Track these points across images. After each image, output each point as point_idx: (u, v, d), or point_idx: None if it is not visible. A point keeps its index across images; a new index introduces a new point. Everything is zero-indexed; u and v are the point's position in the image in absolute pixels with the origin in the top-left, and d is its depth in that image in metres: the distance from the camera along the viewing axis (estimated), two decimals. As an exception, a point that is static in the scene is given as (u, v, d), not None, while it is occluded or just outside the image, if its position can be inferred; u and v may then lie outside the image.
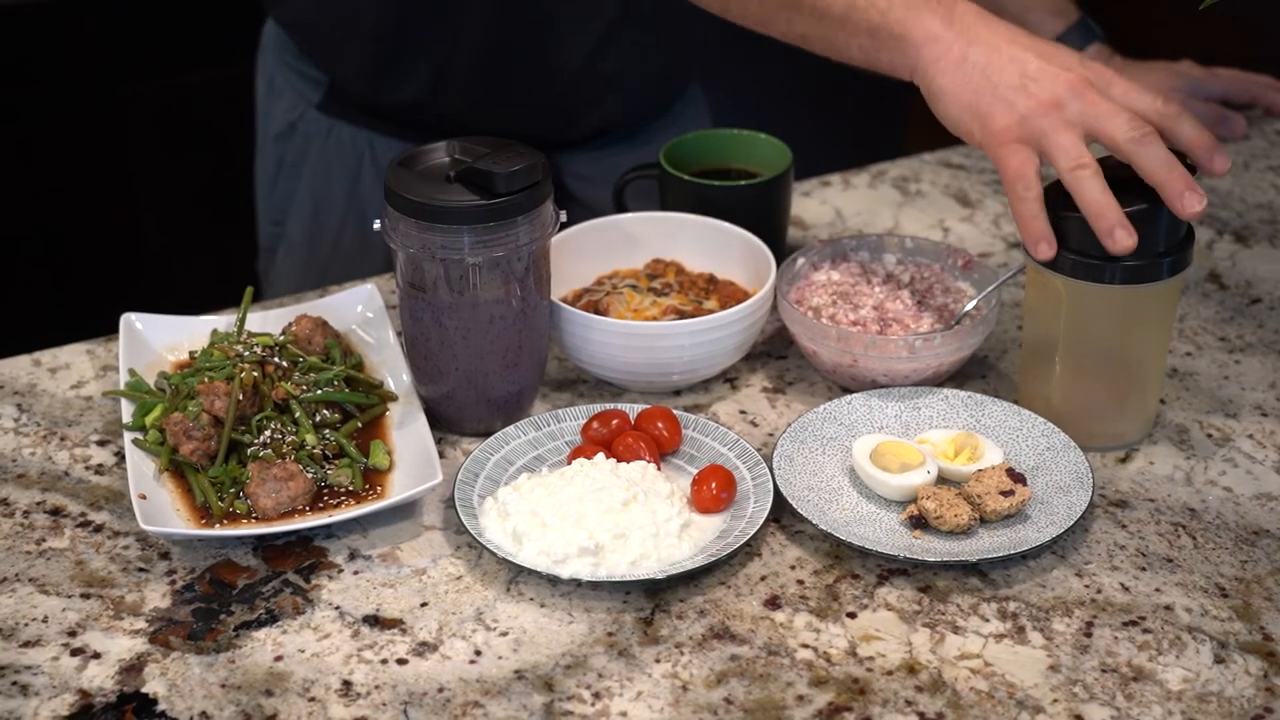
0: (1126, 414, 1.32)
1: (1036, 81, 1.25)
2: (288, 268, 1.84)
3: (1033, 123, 1.24)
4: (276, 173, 1.82)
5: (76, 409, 1.37)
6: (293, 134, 1.79)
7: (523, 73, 1.67)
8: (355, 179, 1.75)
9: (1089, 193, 1.21)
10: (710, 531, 1.21)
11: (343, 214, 1.78)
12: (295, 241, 1.83)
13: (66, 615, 1.15)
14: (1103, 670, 1.10)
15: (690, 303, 1.41)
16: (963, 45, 1.27)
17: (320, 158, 1.77)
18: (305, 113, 1.77)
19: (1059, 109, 1.23)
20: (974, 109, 1.27)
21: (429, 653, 1.12)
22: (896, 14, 1.29)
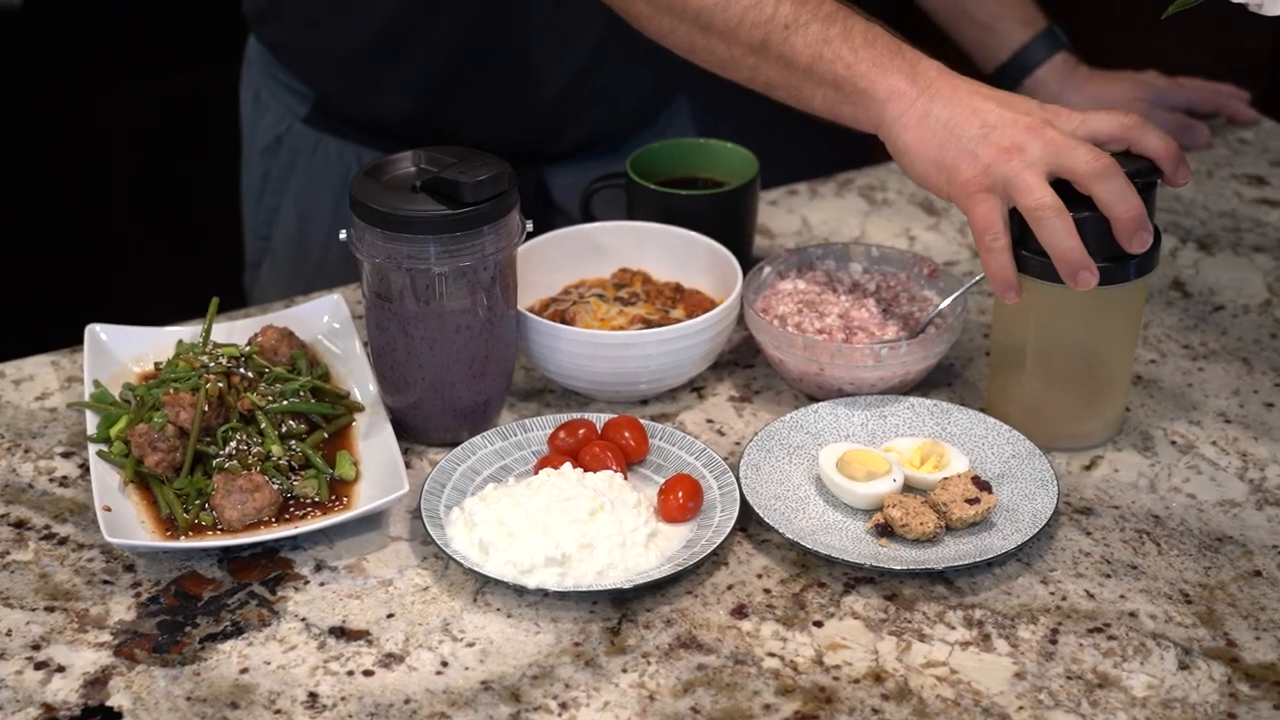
0: (1095, 415, 1.33)
1: (997, 129, 1.26)
2: (273, 281, 1.84)
3: (996, 170, 1.25)
4: (263, 186, 1.82)
5: (41, 421, 1.36)
6: (279, 147, 1.78)
7: (509, 90, 1.67)
8: (342, 193, 1.75)
9: (1052, 235, 1.23)
10: (677, 541, 1.22)
11: (329, 228, 1.77)
12: (281, 256, 1.83)
13: (30, 628, 1.14)
14: (1068, 677, 1.11)
15: (657, 312, 1.41)
16: (926, 101, 1.29)
17: (307, 171, 1.77)
18: (292, 126, 1.76)
19: (1020, 153, 1.25)
20: (940, 163, 1.28)
21: (395, 664, 1.12)
22: (861, 69, 1.30)
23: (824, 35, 1.31)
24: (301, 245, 1.80)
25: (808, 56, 1.32)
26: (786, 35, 1.32)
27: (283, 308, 1.49)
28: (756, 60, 1.35)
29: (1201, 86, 1.86)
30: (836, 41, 1.31)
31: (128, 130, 2.74)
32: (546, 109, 1.70)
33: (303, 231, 1.80)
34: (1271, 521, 1.25)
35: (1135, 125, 1.27)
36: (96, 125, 2.71)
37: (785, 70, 1.34)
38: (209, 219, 2.31)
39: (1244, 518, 1.26)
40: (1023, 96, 1.31)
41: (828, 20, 1.32)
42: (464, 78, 1.67)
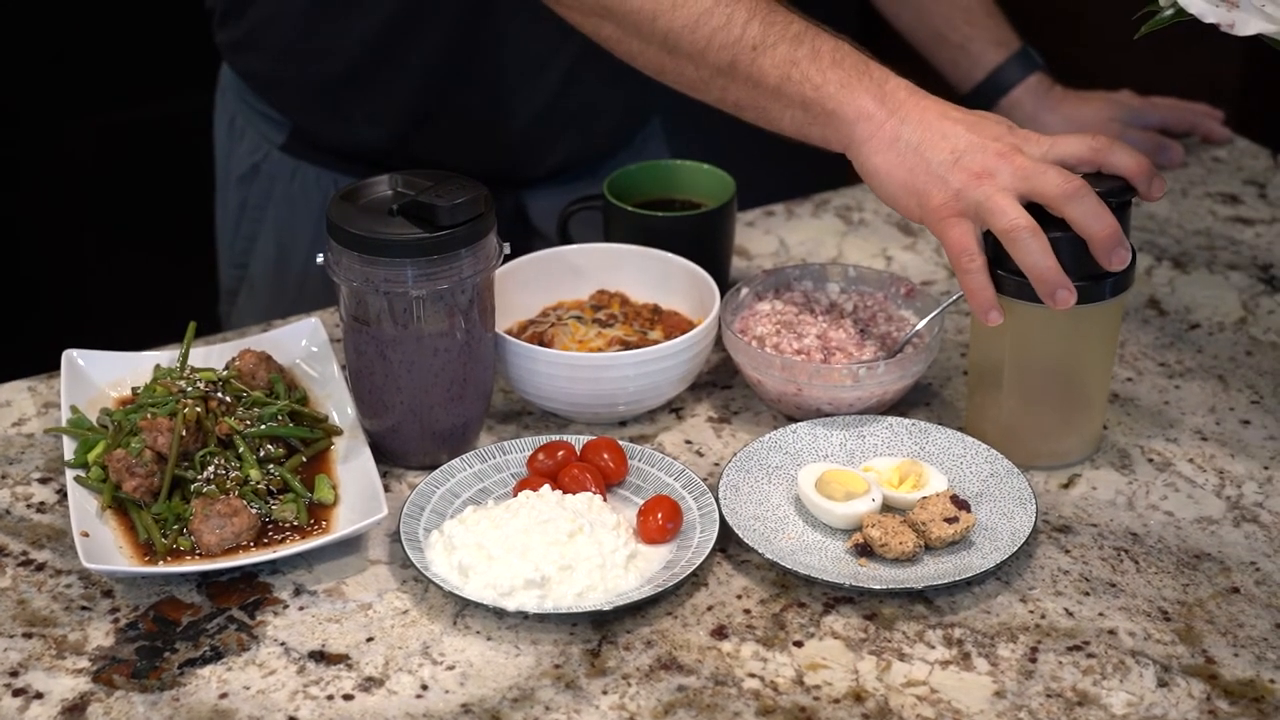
0: (1072, 433, 1.33)
1: (967, 154, 1.27)
2: (251, 309, 1.84)
3: (968, 195, 1.26)
4: (240, 215, 1.81)
5: (18, 446, 1.36)
6: (256, 175, 1.78)
7: (484, 117, 1.67)
8: (321, 220, 1.75)
9: (1029, 255, 1.23)
10: (657, 562, 1.22)
11: (307, 255, 1.77)
12: (258, 284, 1.82)
13: (8, 655, 1.14)
14: (1048, 695, 1.11)
15: (635, 333, 1.41)
16: (895, 124, 1.29)
17: (285, 199, 1.77)
18: (269, 154, 1.76)
19: (991, 178, 1.26)
20: (910, 187, 1.28)
21: (375, 688, 1.11)
22: (830, 89, 1.31)
23: (791, 56, 1.32)
24: (280, 273, 1.80)
25: (776, 78, 1.32)
26: (754, 56, 1.33)
27: (260, 331, 1.49)
28: (725, 81, 1.35)
29: (1175, 105, 1.87)
30: (804, 62, 1.32)
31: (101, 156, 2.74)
32: (522, 134, 1.71)
33: (281, 259, 1.80)
34: (1249, 538, 1.26)
35: (1104, 147, 1.28)
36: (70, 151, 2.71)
37: (753, 91, 1.34)
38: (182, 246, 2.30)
39: (1221, 535, 1.26)
40: (993, 117, 1.32)
41: (795, 41, 1.33)
42: (439, 105, 1.67)
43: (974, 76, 1.84)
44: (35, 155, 2.68)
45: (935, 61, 1.87)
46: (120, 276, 2.82)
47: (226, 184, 1.83)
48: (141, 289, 2.79)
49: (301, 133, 1.74)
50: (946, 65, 1.86)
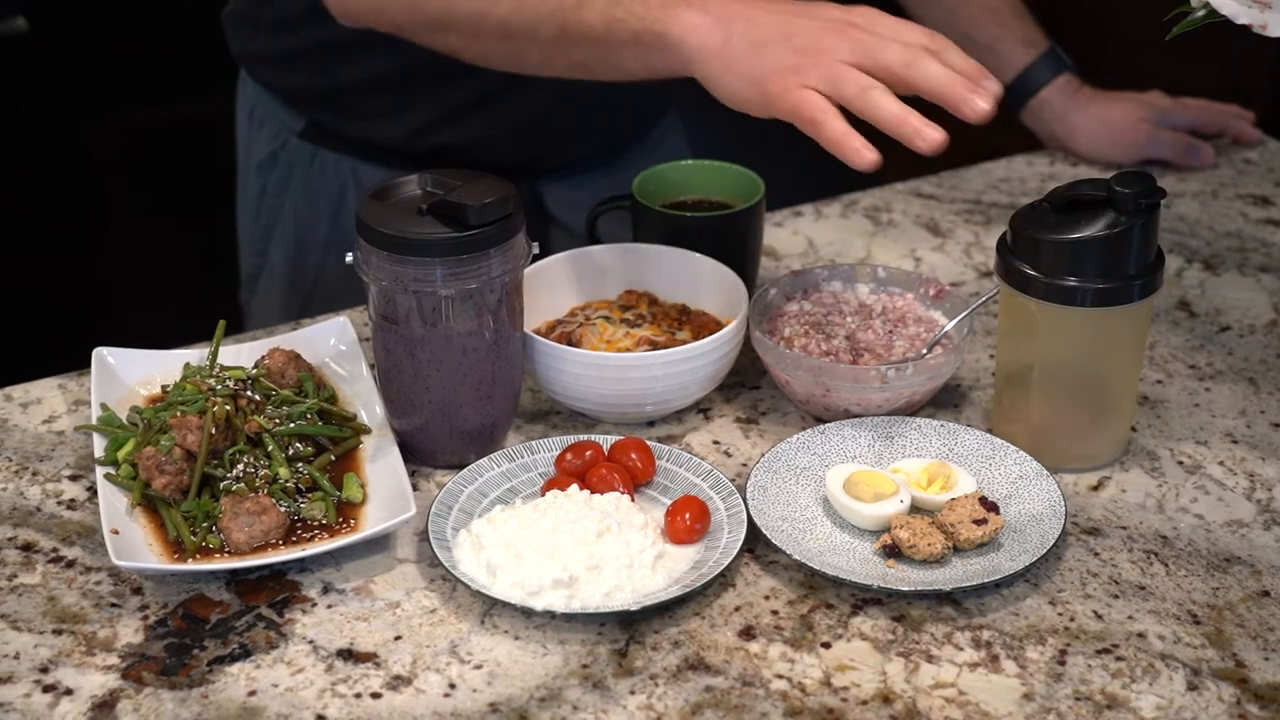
0: (1101, 435, 1.33)
1: (801, 36, 1.25)
2: (271, 296, 1.84)
3: (808, 73, 1.24)
4: (259, 202, 1.82)
5: (48, 444, 1.37)
6: (275, 162, 1.79)
7: (496, 112, 1.68)
8: (339, 206, 1.76)
9: (884, 108, 1.21)
10: (684, 562, 1.21)
11: (326, 241, 1.78)
12: (278, 270, 1.83)
13: (38, 651, 1.14)
14: (1076, 698, 1.10)
15: (663, 334, 1.41)
16: (723, 27, 1.28)
17: (303, 185, 1.77)
18: (288, 141, 1.77)
19: (829, 53, 1.24)
20: (750, 80, 1.26)
21: (403, 686, 1.11)
22: (654, 14, 1.30)
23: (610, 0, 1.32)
24: (298, 259, 1.81)
25: (603, 24, 1.33)
26: (579, 14, 1.34)
27: (289, 330, 1.49)
28: (565, 49, 1.37)
29: (1206, 107, 1.86)
30: (625, 1, 1.32)
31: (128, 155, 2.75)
32: (536, 126, 1.70)
33: (299, 245, 1.80)
34: (1279, 541, 1.25)
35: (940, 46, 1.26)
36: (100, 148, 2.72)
37: (591, 47, 1.35)
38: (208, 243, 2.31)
39: (1252, 538, 1.25)
40: (822, 2, 1.30)
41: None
42: (454, 100, 1.66)
43: (1002, 77, 1.82)
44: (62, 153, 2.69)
45: (964, 63, 1.86)
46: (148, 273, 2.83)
47: (247, 171, 1.84)
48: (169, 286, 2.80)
49: (318, 125, 1.74)
50: (975, 66, 1.86)
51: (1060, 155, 1.88)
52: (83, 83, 2.66)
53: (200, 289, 2.29)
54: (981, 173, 1.85)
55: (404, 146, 1.69)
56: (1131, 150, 1.81)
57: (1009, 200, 1.79)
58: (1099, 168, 1.83)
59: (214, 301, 1.96)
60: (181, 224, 2.75)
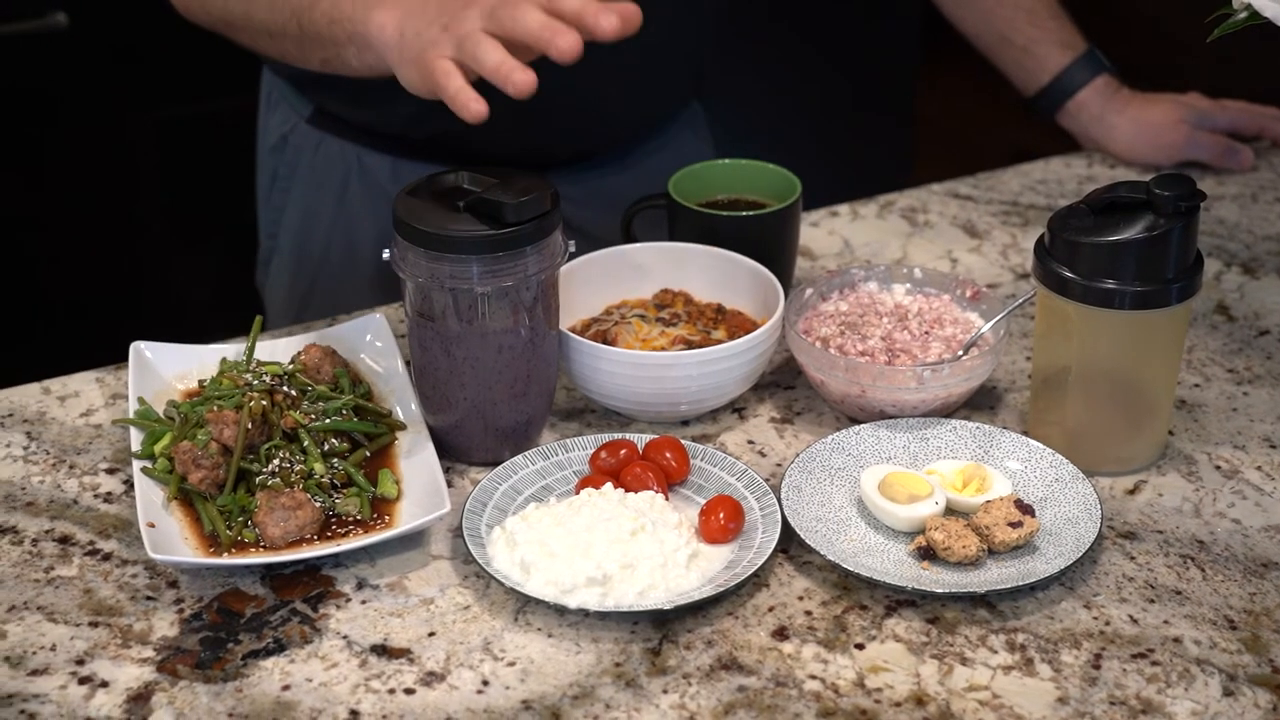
0: (1138, 439, 1.32)
1: (446, 15, 1.28)
2: (280, 279, 1.85)
3: (444, 45, 1.27)
4: (271, 186, 1.83)
5: (86, 437, 1.37)
6: (284, 146, 1.79)
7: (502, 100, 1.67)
8: (343, 192, 1.76)
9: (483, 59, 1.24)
10: (718, 562, 1.21)
11: (330, 226, 1.78)
12: (286, 253, 1.84)
13: (74, 644, 1.15)
14: (1111, 702, 1.10)
15: (698, 333, 1.41)
16: (397, 19, 1.32)
17: (309, 171, 1.78)
18: (296, 126, 1.78)
19: (461, 25, 1.27)
20: (413, 63, 1.30)
21: (436, 682, 1.12)
22: (358, 15, 1.35)
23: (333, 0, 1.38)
24: (304, 243, 1.81)
25: (326, 25, 1.38)
26: (311, 14, 1.40)
27: (325, 325, 1.50)
28: (308, 47, 1.44)
29: (1245, 109, 1.85)
30: (344, 2, 1.37)
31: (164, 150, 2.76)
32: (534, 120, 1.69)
33: (305, 230, 1.80)
34: (1317, 547, 1.24)
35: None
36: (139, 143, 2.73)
37: (324, 46, 1.41)
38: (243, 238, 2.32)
39: (1289, 543, 1.25)
40: None
41: None
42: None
43: (1039, 79, 1.83)
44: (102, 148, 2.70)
45: (1000, 64, 1.86)
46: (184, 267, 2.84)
47: (262, 155, 1.85)
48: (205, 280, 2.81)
49: (324, 109, 1.75)
50: (1011, 68, 1.85)
51: (1098, 157, 1.87)
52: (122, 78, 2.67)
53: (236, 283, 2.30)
54: (1019, 174, 1.85)
55: (403, 133, 1.69)
56: (1170, 152, 1.81)
57: (1046, 202, 1.78)
58: (1137, 170, 1.82)
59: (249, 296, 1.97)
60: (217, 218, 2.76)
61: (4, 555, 1.23)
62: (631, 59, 1.62)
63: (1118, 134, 1.82)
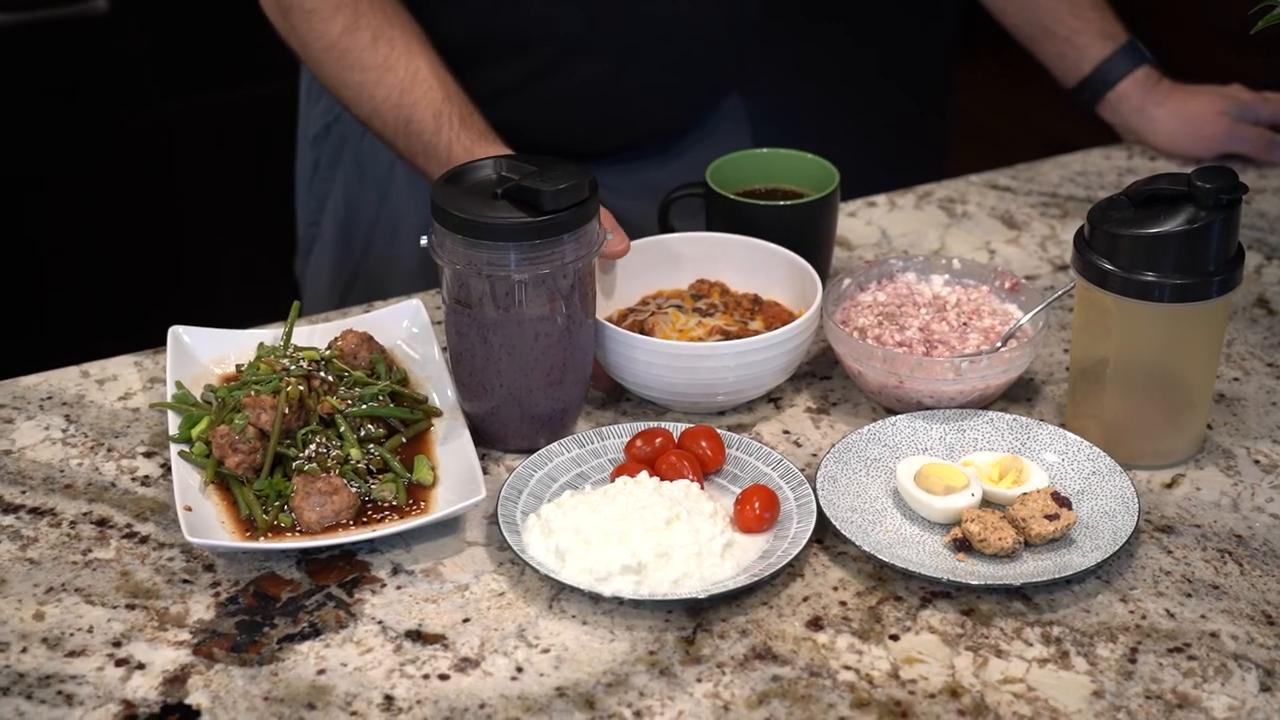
0: (1176, 432, 1.32)
1: None
2: (321, 267, 1.86)
3: None
4: (313, 174, 1.84)
5: (124, 420, 1.38)
6: (328, 136, 1.80)
7: (540, 94, 1.67)
8: (388, 181, 1.76)
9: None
10: (753, 551, 1.21)
11: (374, 215, 1.78)
12: (329, 241, 1.84)
13: (111, 626, 1.15)
14: (1147, 697, 1.09)
15: (735, 323, 1.41)
16: None
17: (354, 159, 1.78)
18: (340, 115, 1.78)
19: None
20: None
21: (471, 669, 1.12)
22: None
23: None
24: (347, 232, 1.82)
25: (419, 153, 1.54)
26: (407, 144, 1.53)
27: (362, 312, 1.50)
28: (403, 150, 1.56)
29: (1287, 101, 1.84)
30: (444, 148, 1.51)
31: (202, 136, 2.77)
32: (580, 114, 1.69)
33: (349, 219, 1.81)
34: (1356, 543, 1.23)
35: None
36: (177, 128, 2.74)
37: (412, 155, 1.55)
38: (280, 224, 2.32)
39: (1328, 539, 1.24)
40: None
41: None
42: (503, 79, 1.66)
43: (1080, 70, 1.82)
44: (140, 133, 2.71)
45: (1041, 55, 1.85)
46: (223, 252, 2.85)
47: (303, 144, 1.85)
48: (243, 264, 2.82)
49: None
50: (1052, 59, 1.84)
51: (1138, 149, 1.86)
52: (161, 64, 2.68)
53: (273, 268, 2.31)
54: (1057, 165, 1.84)
55: None
56: (1211, 145, 1.79)
57: (1085, 194, 1.77)
58: (1177, 162, 1.81)
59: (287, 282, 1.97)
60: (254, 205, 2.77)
61: (43, 537, 1.24)
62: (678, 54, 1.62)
63: (1158, 126, 1.81)
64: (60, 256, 2.73)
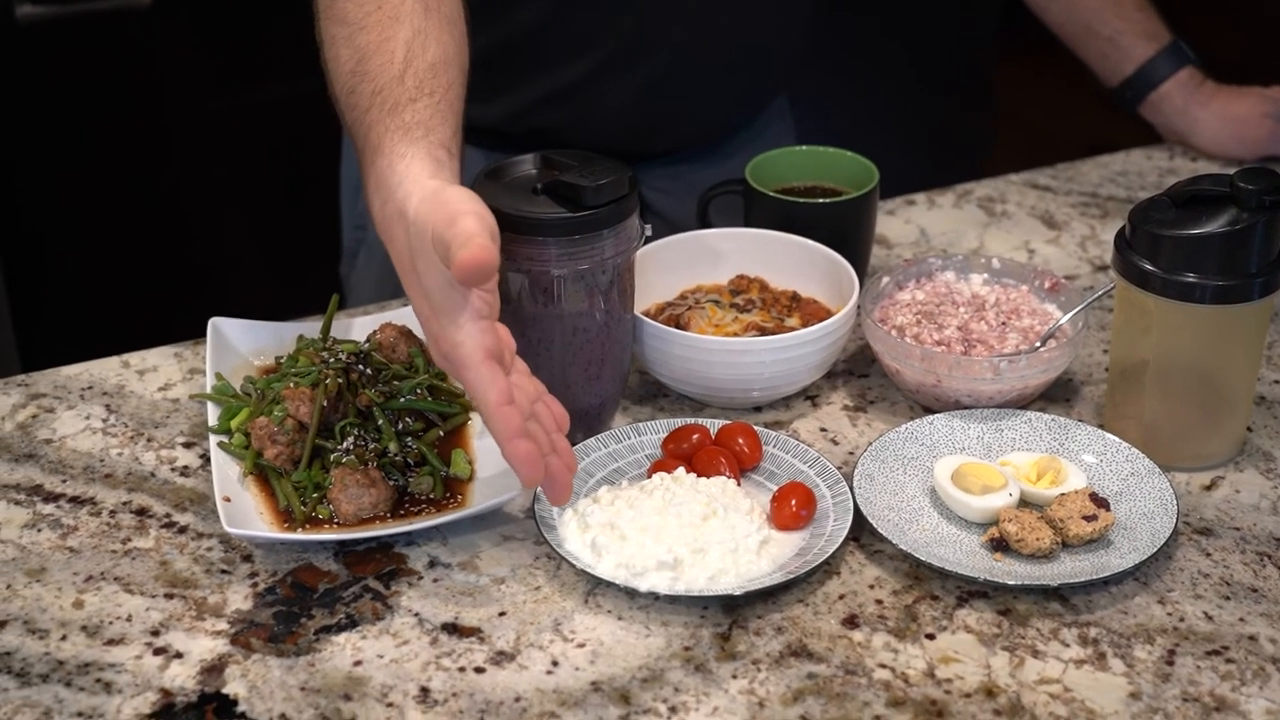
0: (1216, 434, 1.31)
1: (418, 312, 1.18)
2: (368, 272, 1.86)
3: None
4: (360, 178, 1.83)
5: (163, 411, 1.39)
6: None
7: (593, 98, 1.67)
8: None
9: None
10: (789, 549, 1.21)
11: None
12: (375, 245, 1.84)
13: (150, 614, 1.16)
14: (1184, 699, 1.09)
15: (772, 320, 1.41)
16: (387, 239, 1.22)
17: None
18: None
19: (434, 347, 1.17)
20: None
21: (506, 662, 1.12)
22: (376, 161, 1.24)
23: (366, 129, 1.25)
24: None
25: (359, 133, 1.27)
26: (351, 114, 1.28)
27: (401, 305, 1.51)
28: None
29: (1332, 104, 1.83)
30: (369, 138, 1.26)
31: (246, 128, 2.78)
32: (631, 117, 1.69)
33: None
34: (1398, 548, 1.23)
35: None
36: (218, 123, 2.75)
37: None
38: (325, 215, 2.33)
39: (1369, 543, 1.23)
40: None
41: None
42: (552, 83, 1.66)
43: (1123, 70, 1.82)
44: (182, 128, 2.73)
45: (1084, 55, 1.84)
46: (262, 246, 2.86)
47: (350, 147, 1.85)
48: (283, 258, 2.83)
49: None
50: (1095, 59, 1.84)
51: (1179, 149, 1.85)
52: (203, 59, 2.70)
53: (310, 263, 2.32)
54: (1098, 165, 1.83)
55: (499, 128, 1.69)
56: (1255, 146, 1.78)
57: (1126, 194, 1.76)
58: (1219, 163, 1.80)
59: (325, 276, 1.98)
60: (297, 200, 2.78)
61: (83, 526, 1.25)
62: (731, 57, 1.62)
63: (1201, 127, 1.80)
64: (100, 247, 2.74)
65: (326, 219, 2.09)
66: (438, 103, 1.24)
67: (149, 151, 2.71)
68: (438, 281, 1.13)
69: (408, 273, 1.17)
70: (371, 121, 1.23)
